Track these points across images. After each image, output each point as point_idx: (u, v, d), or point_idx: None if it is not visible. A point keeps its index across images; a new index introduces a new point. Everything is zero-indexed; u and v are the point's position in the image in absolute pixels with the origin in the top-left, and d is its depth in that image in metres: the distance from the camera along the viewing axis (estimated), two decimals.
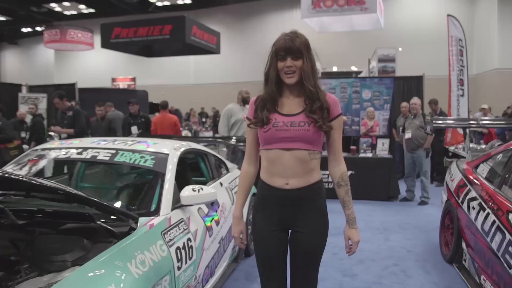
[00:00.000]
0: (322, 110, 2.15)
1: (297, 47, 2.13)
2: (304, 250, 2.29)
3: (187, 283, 2.78)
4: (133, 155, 3.17)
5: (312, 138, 2.17)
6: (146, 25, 14.20)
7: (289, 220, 2.27)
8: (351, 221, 2.34)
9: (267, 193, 2.29)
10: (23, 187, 2.47)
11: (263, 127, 2.20)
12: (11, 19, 25.67)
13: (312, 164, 2.21)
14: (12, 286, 1.97)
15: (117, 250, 2.24)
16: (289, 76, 2.15)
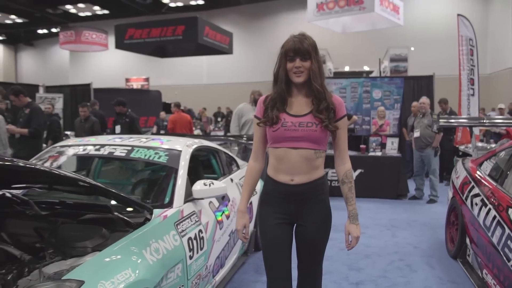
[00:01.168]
0: (328, 110, 2.24)
1: (306, 49, 2.22)
2: (309, 243, 2.40)
3: (198, 272, 2.95)
4: (147, 151, 3.35)
5: (319, 138, 2.26)
6: (159, 26, 14.40)
7: (294, 214, 2.36)
8: (353, 216, 2.41)
9: (273, 188, 2.38)
10: (46, 179, 2.66)
11: (272, 126, 2.29)
12: (28, 21, 26.11)
13: (317, 162, 2.31)
14: (40, 268, 2.15)
15: (134, 238, 2.42)
16: (297, 75, 2.24)
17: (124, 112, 8.31)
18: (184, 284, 2.74)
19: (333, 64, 16.98)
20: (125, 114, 8.32)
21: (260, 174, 2.50)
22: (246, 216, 2.46)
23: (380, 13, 10.94)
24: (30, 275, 2.17)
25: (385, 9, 11.10)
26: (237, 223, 2.46)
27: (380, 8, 10.94)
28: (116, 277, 2.06)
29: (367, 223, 6.16)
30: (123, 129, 8.12)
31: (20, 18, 25.69)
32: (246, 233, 2.46)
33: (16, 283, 2.14)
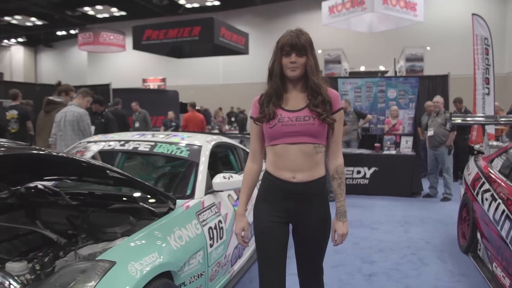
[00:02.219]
0: (325, 103, 2.21)
1: (302, 44, 2.19)
2: (309, 242, 2.36)
3: (218, 260, 3.12)
4: (170, 146, 3.54)
5: (317, 132, 2.22)
6: (176, 27, 14.60)
7: (293, 213, 2.30)
8: (340, 213, 2.34)
9: (272, 185, 2.31)
10: (78, 171, 2.87)
11: (269, 122, 2.25)
12: (47, 23, 26.61)
13: (318, 157, 2.25)
14: (75, 250, 2.34)
15: (159, 226, 2.61)
16: (292, 69, 2.21)
17: (101, 112, 7.65)
18: (205, 271, 2.92)
19: (348, 64, 17.06)
20: (101, 113, 7.64)
21: (259, 175, 2.45)
22: (245, 219, 2.40)
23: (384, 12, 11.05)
24: (66, 256, 2.38)
25: (391, 8, 11.13)
26: (236, 226, 2.42)
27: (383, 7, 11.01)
28: (144, 259, 2.25)
29: (381, 219, 6.29)
30: (97, 130, 7.07)
31: (40, 21, 26.19)
32: (245, 236, 2.40)
33: (54, 264, 2.33)
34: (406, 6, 11.40)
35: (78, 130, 5.53)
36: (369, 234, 5.54)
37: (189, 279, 2.72)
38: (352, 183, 8.13)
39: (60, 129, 5.55)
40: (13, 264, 2.25)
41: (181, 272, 2.61)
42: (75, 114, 5.53)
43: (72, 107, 5.63)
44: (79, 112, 5.56)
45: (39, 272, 2.30)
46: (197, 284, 2.83)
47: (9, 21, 25.66)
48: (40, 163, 2.90)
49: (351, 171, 8.16)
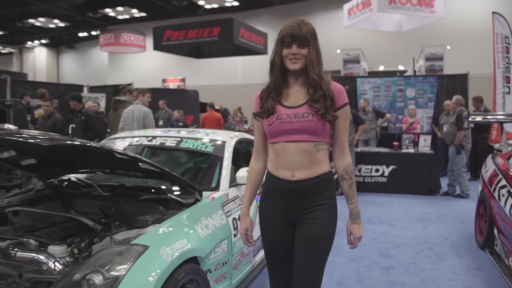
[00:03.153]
0: (325, 98, 2.08)
1: (304, 35, 2.06)
2: (308, 242, 2.15)
3: (241, 250, 3.28)
4: (195, 142, 3.71)
5: (317, 129, 2.09)
6: (196, 27, 14.77)
7: (295, 212, 2.18)
8: (354, 215, 2.21)
9: (273, 185, 2.22)
10: (110, 164, 3.06)
11: (268, 118, 2.15)
12: (69, 24, 27.10)
13: (319, 155, 2.13)
14: (111, 235, 2.52)
15: (187, 215, 2.78)
16: (293, 62, 2.08)
17: (80, 109, 7.34)
18: (229, 259, 3.07)
19: (367, 64, 17.08)
20: (81, 111, 7.33)
21: (263, 174, 2.33)
22: (249, 219, 2.33)
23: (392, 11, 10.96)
24: (103, 241, 2.56)
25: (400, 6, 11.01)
26: (240, 227, 2.35)
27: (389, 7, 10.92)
28: (174, 245, 2.42)
29: (399, 216, 6.38)
30: (77, 128, 7.09)
31: (62, 22, 26.68)
32: (249, 236, 2.33)
33: (90, 249, 2.52)
34: (420, 3, 11.22)
35: (143, 126, 6.24)
36: (387, 230, 5.64)
37: (215, 266, 2.88)
38: (371, 181, 8.22)
39: (127, 123, 6.33)
40: (54, 247, 2.45)
41: (207, 259, 2.77)
42: (141, 112, 6.34)
43: (139, 106, 6.47)
44: (144, 111, 6.37)
45: (77, 256, 2.49)
46: (222, 271, 2.99)
47: (33, 23, 26.20)
48: (75, 156, 3.10)
49: (370, 169, 8.25)
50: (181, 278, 2.36)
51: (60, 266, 2.29)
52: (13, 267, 2.23)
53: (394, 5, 10.97)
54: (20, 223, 3.01)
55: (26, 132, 2.51)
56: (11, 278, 2.17)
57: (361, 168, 8.26)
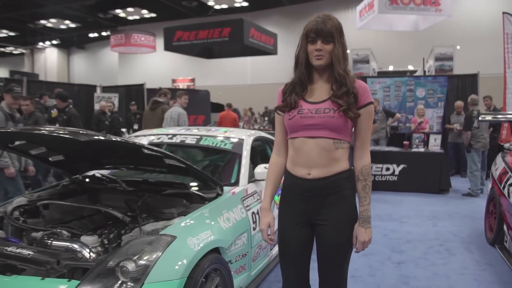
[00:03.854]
0: (349, 95, 2.04)
1: (329, 30, 2.02)
2: (329, 245, 2.14)
3: (260, 243, 3.42)
4: (214, 139, 3.86)
5: (338, 126, 2.05)
6: (206, 28, 14.86)
7: (312, 213, 2.14)
8: (363, 219, 2.12)
9: (290, 183, 2.19)
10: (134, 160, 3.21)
11: (289, 113, 2.12)
12: (80, 25, 27.40)
13: (337, 153, 2.08)
14: (139, 226, 2.67)
15: (210, 208, 2.93)
16: (318, 58, 2.05)
17: (63, 108, 7.25)
18: (248, 251, 3.22)
19: (377, 64, 17.15)
20: (64, 110, 7.22)
21: (284, 169, 2.28)
22: (271, 215, 2.26)
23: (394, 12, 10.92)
24: (132, 232, 2.70)
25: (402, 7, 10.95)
26: (261, 222, 2.28)
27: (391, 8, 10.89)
28: (199, 235, 2.57)
29: (409, 214, 6.48)
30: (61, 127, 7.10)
31: (73, 23, 26.97)
32: (271, 233, 2.25)
33: (120, 239, 2.66)
34: (424, 3, 11.12)
35: (177, 125, 7.03)
36: (398, 227, 5.75)
37: (235, 257, 3.02)
38: (381, 180, 8.33)
39: (167, 123, 7.21)
40: (86, 237, 2.61)
41: (229, 251, 2.92)
42: (177, 113, 7.24)
43: (176, 108, 7.37)
44: (179, 112, 7.26)
45: (107, 246, 2.64)
46: (242, 263, 3.13)
47: (45, 24, 26.52)
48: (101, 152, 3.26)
49: (380, 168, 8.36)
50: (206, 267, 2.50)
51: (93, 255, 2.43)
52: (51, 255, 2.38)
53: (395, 6, 10.91)
54: (50, 216, 3.17)
55: (62, 129, 2.66)
56: (49, 264, 2.31)
57: (372, 167, 8.37)
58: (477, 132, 7.77)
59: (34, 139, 3.06)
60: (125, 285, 2.18)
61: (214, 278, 2.65)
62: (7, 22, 24.92)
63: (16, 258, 2.41)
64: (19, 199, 3.22)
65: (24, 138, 3.01)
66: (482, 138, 7.84)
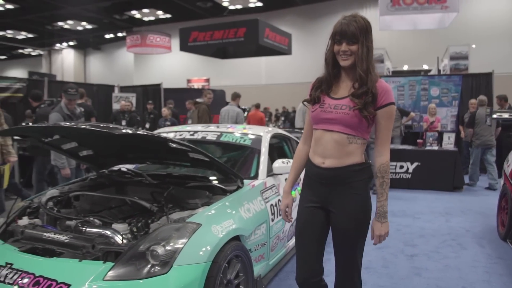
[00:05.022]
0: (367, 95, 2.14)
1: (352, 32, 2.13)
2: (340, 232, 2.30)
3: (277, 234, 3.59)
4: (234, 136, 4.05)
5: (351, 123, 2.17)
6: (222, 28, 15.00)
7: (325, 199, 2.29)
8: (379, 214, 2.26)
9: (309, 169, 2.37)
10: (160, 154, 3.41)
11: (313, 106, 2.29)
12: (96, 27, 27.83)
13: (350, 148, 2.21)
14: (167, 214, 2.85)
15: (231, 199, 3.11)
16: (343, 58, 2.18)
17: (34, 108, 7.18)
18: (267, 241, 3.39)
19: (391, 63, 17.18)
20: (34, 110, 7.10)
21: (307, 156, 2.44)
22: (290, 197, 2.49)
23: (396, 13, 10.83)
24: (159, 220, 2.89)
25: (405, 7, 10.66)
26: (281, 203, 2.53)
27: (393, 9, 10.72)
28: (223, 223, 2.75)
29: (423, 210, 6.60)
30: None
31: (90, 25, 27.40)
32: (289, 213, 2.49)
33: (148, 227, 2.85)
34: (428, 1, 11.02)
35: (235, 122, 7.93)
36: (411, 222, 5.88)
37: (255, 246, 3.20)
38: (395, 178, 8.44)
39: (224, 120, 8.24)
40: (117, 225, 2.80)
41: (249, 240, 3.09)
42: (235, 112, 8.48)
43: (233, 107, 8.66)
44: (237, 111, 8.50)
45: (136, 234, 2.82)
46: (261, 252, 3.30)
47: (62, 26, 26.99)
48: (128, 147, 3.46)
49: (394, 166, 8.47)
50: (229, 253, 2.68)
51: (125, 241, 2.62)
52: (86, 240, 2.58)
53: (398, 7, 10.84)
54: (81, 206, 3.37)
55: (96, 124, 2.87)
56: (85, 248, 2.52)
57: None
58: (479, 130, 8.38)
59: (67, 134, 3.27)
60: (155, 267, 2.36)
61: (236, 264, 2.83)
62: (26, 24, 25.43)
63: (54, 243, 2.62)
64: (52, 191, 3.43)
65: (59, 132, 3.22)
66: (482, 136, 8.40)
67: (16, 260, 2.51)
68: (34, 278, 2.34)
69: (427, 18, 11.36)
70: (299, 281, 2.39)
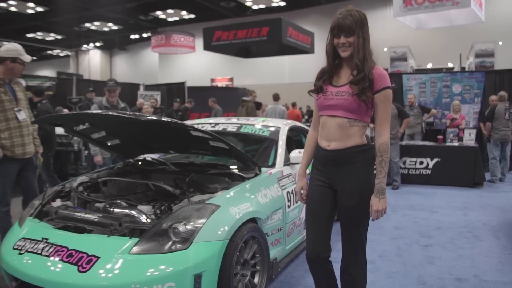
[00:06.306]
0: (364, 81, 2.32)
1: (348, 25, 2.32)
2: (343, 209, 2.49)
3: (294, 220, 3.75)
4: (253, 127, 4.24)
5: (351, 107, 2.36)
6: (245, 28, 15.17)
7: (331, 178, 2.50)
8: (377, 190, 2.38)
9: (317, 153, 2.58)
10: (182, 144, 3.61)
11: (318, 95, 2.51)
12: (122, 27, 28.39)
13: (352, 130, 2.40)
14: (188, 197, 3.05)
15: (249, 185, 3.30)
16: (343, 50, 2.37)
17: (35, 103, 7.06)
18: (283, 227, 3.56)
19: (415, 62, 17.08)
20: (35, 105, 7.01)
21: (317, 141, 2.62)
22: (304, 180, 2.70)
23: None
24: (181, 202, 3.09)
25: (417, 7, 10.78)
26: (296, 185, 2.74)
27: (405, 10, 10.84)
28: (240, 206, 2.94)
29: (441, 204, 6.66)
30: None
31: (115, 26, 27.98)
32: (304, 194, 2.69)
33: (171, 210, 3.05)
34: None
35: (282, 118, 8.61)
36: (428, 216, 5.96)
37: (271, 231, 3.37)
38: (415, 173, 8.50)
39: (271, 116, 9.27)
40: (142, 206, 3.02)
41: (266, 224, 3.27)
42: (281, 110, 10.05)
43: (279, 106, 10.21)
44: (283, 109, 10.11)
45: (159, 216, 3.03)
46: (277, 236, 3.48)
47: (89, 27, 27.63)
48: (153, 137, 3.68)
49: (414, 162, 8.53)
50: (245, 233, 2.86)
51: (149, 221, 2.83)
52: (114, 219, 2.81)
53: (410, 7, 10.88)
54: (109, 192, 3.61)
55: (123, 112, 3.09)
56: (113, 226, 2.74)
57: (406, 160, 8.55)
58: (497, 125, 8.48)
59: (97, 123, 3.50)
60: (176, 244, 2.56)
61: (252, 245, 3.02)
62: (55, 26, 26.13)
63: (85, 221, 2.86)
64: (82, 177, 3.68)
65: (89, 121, 3.46)
66: (501, 130, 8.51)
67: (51, 235, 2.76)
68: (68, 251, 2.57)
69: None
70: (311, 255, 2.58)
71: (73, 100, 10.73)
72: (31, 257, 2.65)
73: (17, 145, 4.01)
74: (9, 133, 3.96)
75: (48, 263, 2.56)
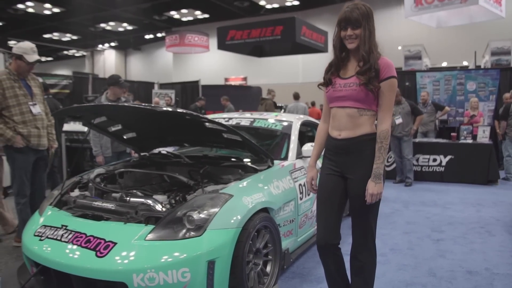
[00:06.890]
0: (370, 71, 2.40)
1: (355, 18, 2.41)
2: (353, 196, 2.56)
3: (305, 213, 3.81)
4: (266, 122, 4.31)
5: (359, 97, 2.45)
6: (259, 27, 15.21)
7: (342, 167, 2.57)
8: (374, 174, 2.45)
9: (329, 142, 2.65)
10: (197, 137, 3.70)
11: (326, 87, 2.60)
12: (137, 27, 28.66)
13: (361, 120, 2.48)
14: (202, 187, 3.13)
15: (262, 176, 3.36)
16: (350, 42, 2.46)
17: None
18: (295, 218, 3.62)
19: (430, 60, 16.98)
20: None
21: (327, 133, 2.70)
22: (315, 170, 2.77)
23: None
24: (195, 192, 3.17)
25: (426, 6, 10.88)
26: (307, 176, 2.81)
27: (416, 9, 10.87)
28: (253, 196, 3.00)
29: (454, 201, 6.66)
30: None
31: (130, 26, 28.24)
32: (314, 184, 2.76)
33: (185, 200, 3.13)
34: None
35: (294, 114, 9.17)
36: (441, 212, 5.97)
37: (283, 222, 3.44)
38: (428, 171, 8.49)
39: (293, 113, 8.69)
40: (158, 196, 3.10)
41: (278, 215, 3.33)
42: (303, 107, 10.93)
43: (299, 103, 11.09)
44: (304, 106, 10.97)
45: (174, 205, 3.11)
46: (289, 228, 3.54)
47: (104, 27, 27.94)
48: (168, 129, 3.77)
49: (427, 159, 8.52)
50: (258, 223, 2.93)
51: (164, 209, 2.92)
52: (130, 207, 2.90)
53: (421, 7, 10.86)
54: (125, 183, 3.71)
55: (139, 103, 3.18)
56: (129, 214, 2.83)
57: (419, 157, 8.54)
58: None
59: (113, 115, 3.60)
60: (190, 231, 2.64)
61: (265, 234, 3.09)
62: (71, 27, 26.48)
63: (102, 210, 2.95)
64: (99, 169, 3.79)
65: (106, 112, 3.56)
66: None
67: (70, 222, 2.87)
68: (86, 237, 2.67)
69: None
70: (321, 243, 2.63)
71: (89, 98, 10.91)
72: (51, 243, 2.76)
73: (33, 135, 4.17)
74: (25, 125, 4.13)
75: (67, 249, 2.66)
